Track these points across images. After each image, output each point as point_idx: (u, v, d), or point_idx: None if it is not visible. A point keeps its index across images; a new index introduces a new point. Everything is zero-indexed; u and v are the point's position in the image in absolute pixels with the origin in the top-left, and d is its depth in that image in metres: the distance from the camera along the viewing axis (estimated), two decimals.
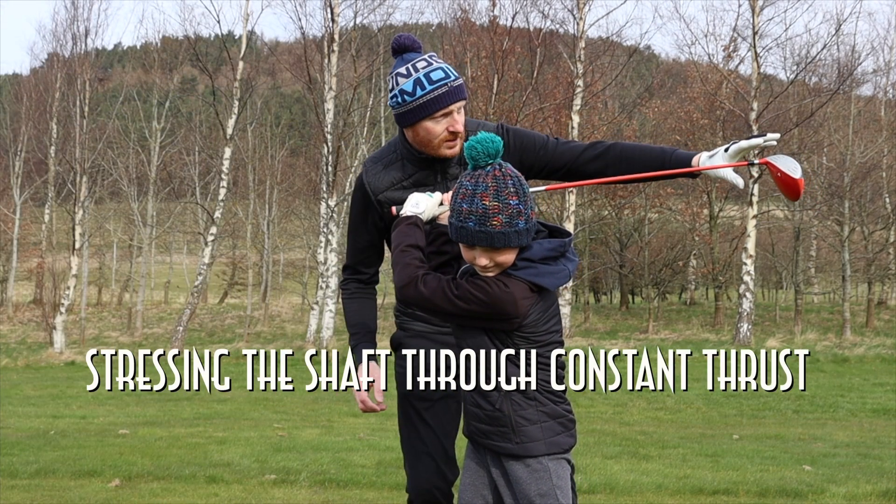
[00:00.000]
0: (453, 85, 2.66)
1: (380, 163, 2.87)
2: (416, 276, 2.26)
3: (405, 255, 2.30)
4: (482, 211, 2.20)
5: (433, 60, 2.70)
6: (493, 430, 2.33)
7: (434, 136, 2.70)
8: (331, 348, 20.35)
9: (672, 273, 31.50)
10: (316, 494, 5.34)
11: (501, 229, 2.20)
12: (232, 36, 32.92)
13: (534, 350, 2.31)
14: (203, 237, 25.27)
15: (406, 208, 2.43)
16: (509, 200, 2.20)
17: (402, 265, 2.29)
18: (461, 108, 2.71)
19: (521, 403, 2.32)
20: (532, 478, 2.30)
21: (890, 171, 28.11)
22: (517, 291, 2.24)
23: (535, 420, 2.32)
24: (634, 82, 36.58)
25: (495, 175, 2.22)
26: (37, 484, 5.71)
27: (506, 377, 2.30)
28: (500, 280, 2.25)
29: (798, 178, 2.55)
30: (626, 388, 2.54)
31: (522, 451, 2.31)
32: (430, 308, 2.28)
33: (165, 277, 49.51)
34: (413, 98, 2.66)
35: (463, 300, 2.23)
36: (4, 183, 37.00)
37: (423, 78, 2.65)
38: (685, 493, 5.28)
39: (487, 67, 22.75)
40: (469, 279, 2.28)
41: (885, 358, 17.92)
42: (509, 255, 2.25)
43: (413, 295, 2.26)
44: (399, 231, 2.37)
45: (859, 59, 27.68)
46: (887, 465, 6.28)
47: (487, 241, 2.21)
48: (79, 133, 25.30)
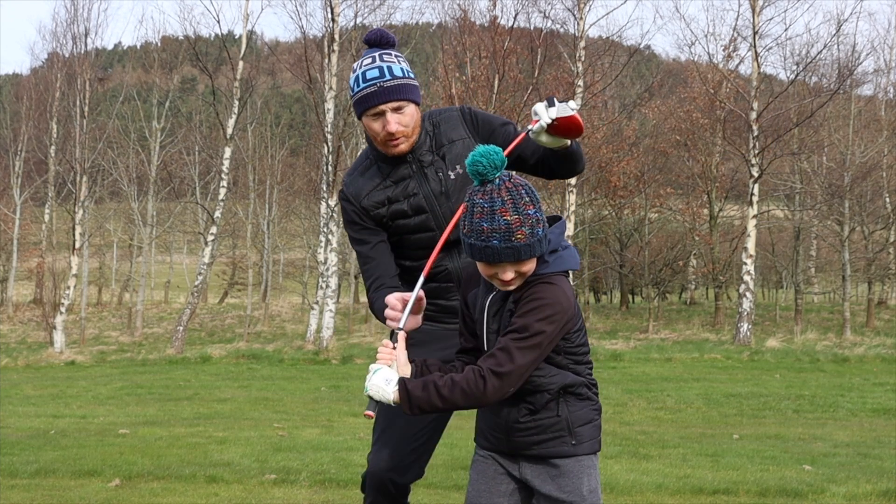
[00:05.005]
0: (384, 85, 2.65)
1: (355, 172, 2.87)
2: (477, 384, 2.16)
3: (445, 388, 2.17)
4: (505, 227, 2.14)
5: (380, 58, 2.69)
6: (548, 438, 2.32)
7: (375, 134, 2.73)
8: (331, 348, 20.34)
9: (672, 273, 31.53)
10: (316, 494, 5.34)
11: (526, 241, 2.16)
12: (232, 36, 32.92)
13: (580, 346, 2.33)
14: (203, 237, 25.27)
15: (382, 396, 2.21)
16: (528, 211, 2.16)
17: (457, 392, 2.17)
18: (401, 109, 2.69)
19: (576, 404, 2.33)
20: (584, 474, 2.32)
21: (890, 171, 28.10)
22: (563, 284, 2.24)
23: (587, 419, 2.34)
24: (634, 82, 36.59)
25: (507, 187, 2.17)
26: (37, 484, 5.70)
27: (561, 377, 2.30)
28: (542, 284, 2.22)
29: (572, 114, 2.56)
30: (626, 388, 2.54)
31: (580, 450, 2.32)
32: (518, 378, 2.19)
33: (165, 277, 49.52)
34: (353, 93, 2.71)
35: (529, 335, 2.17)
36: (4, 183, 37.01)
37: (361, 75, 2.68)
38: (685, 493, 5.27)
39: (488, 67, 22.74)
40: (510, 317, 2.22)
41: (886, 358, 17.92)
42: (532, 264, 2.23)
43: (496, 389, 2.17)
44: (421, 389, 2.20)
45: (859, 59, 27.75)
46: (887, 464, 6.28)
47: (514, 256, 2.17)
48: (79, 133, 25.29)
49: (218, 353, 19.93)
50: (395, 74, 2.68)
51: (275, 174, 36.10)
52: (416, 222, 2.82)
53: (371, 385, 2.21)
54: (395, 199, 2.81)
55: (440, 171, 2.82)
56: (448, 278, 2.87)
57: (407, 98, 2.71)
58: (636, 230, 32.16)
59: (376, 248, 2.83)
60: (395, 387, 2.20)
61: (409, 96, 2.72)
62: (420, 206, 2.81)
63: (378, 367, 2.24)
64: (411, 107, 2.73)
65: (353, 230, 2.86)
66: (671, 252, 30.65)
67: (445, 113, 2.89)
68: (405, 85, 2.70)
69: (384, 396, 2.20)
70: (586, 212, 31.16)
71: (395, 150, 2.75)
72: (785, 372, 15.57)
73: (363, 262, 2.85)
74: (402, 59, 2.77)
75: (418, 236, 2.84)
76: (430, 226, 2.83)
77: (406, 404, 2.19)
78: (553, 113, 2.59)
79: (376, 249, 2.83)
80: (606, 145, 29.55)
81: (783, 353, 18.66)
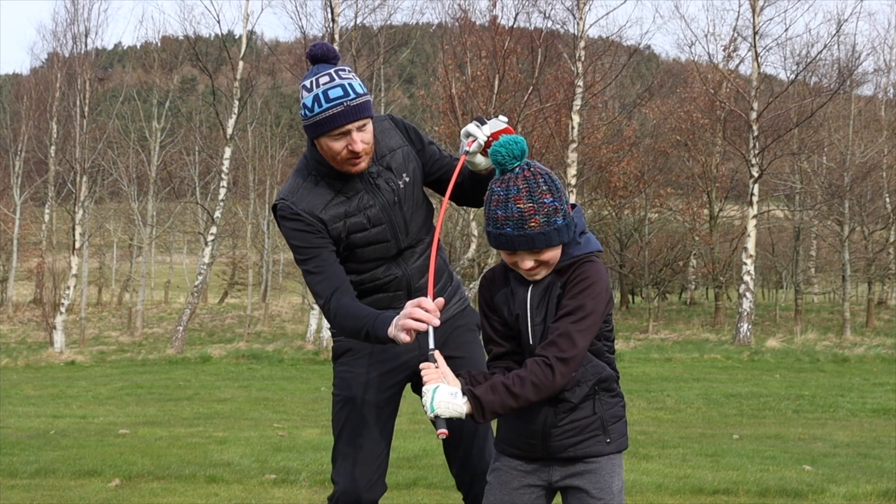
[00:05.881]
0: (350, 104, 2.59)
1: (301, 189, 2.77)
2: (546, 374, 2.14)
3: (515, 387, 2.14)
4: (518, 215, 2.14)
5: (338, 76, 2.63)
6: (584, 438, 2.29)
7: (335, 153, 2.66)
8: (331, 348, 20.34)
9: (672, 273, 31.51)
10: (316, 494, 5.34)
11: (541, 230, 2.15)
12: (232, 36, 32.88)
13: (611, 331, 2.32)
14: (203, 237, 25.26)
15: (453, 411, 2.16)
16: (543, 200, 2.15)
17: (528, 387, 2.14)
18: (364, 127, 2.65)
19: (608, 401, 2.31)
20: (615, 473, 2.31)
21: (890, 171, 28.10)
22: (599, 263, 2.24)
23: (618, 416, 2.33)
24: (634, 82, 36.59)
25: (525, 176, 2.17)
26: (37, 484, 5.70)
27: (597, 368, 2.29)
28: (586, 263, 2.21)
29: (505, 126, 2.61)
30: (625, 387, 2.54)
31: (612, 448, 2.31)
32: (580, 361, 2.18)
33: (165, 277, 49.53)
34: (312, 114, 2.62)
35: (585, 316, 2.16)
36: (4, 183, 37.01)
37: (322, 95, 2.60)
38: (685, 493, 5.27)
39: (488, 67, 22.72)
40: (558, 302, 2.21)
41: (886, 358, 17.91)
42: (554, 252, 2.21)
43: (564, 375, 2.15)
44: (492, 393, 2.16)
45: (859, 58, 27.72)
46: (887, 464, 6.28)
47: (528, 245, 2.16)
48: (79, 133, 25.30)
49: (218, 353, 19.93)
50: (358, 92, 2.62)
51: (275, 174, 36.06)
52: (373, 234, 2.79)
53: (438, 403, 2.14)
54: (351, 213, 2.75)
55: (390, 180, 2.79)
56: (398, 286, 2.86)
57: (370, 116, 2.68)
58: (636, 230, 32.16)
59: (329, 256, 2.75)
60: (464, 398, 2.15)
61: (371, 114, 2.68)
62: (378, 217, 2.78)
63: (435, 386, 2.18)
64: (370, 123, 2.69)
65: (305, 240, 2.73)
66: (671, 252, 30.64)
67: (378, 123, 2.83)
68: (368, 103, 2.66)
69: (455, 410, 2.14)
70: (586, 212, 31.12)
71: (355, 168, 2.70)
72: (785, 372, 15.57)
73: (316, 271, 2.73)
74: (354, 73, 2.71)
75: (372, 248, 2.81)
76: (387, 236, 2.81)
77: (479, 412, 2.14)
78: (487, 130, 2.60)
79: (329, 257, 2.75)
80: (606, 145, 29.57)
81: (783, 354, 18.66)
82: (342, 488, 2.84)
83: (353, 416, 2.88)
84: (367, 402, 2.86)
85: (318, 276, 2.72)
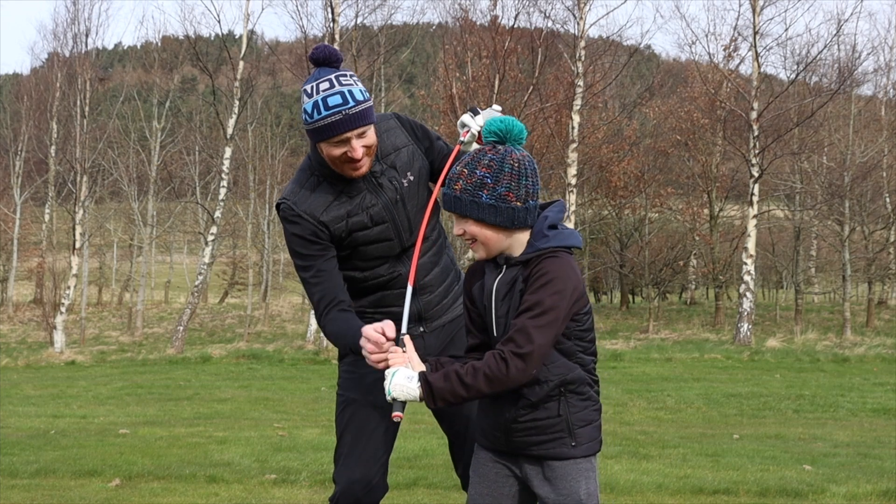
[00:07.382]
0: (349, 112, 2.59)
1: (303, 190, 2.78)
2: (500, 367, 2.13)
3: (467, 376, 2.15)
4: (454, 175, 2.25)
5: (338, 82, 2.62)
6: (547, 439, 2.27)
7: (335, 159, 2.67)
8: (331, 348, 20.34)
9: (672, 273, 31.50)
10: (316, 494, 5.34)
11: (459, 195, 2.21)
12: (232, 35, 32.89)
13: (587, 331, 2.29)
14: (203, 237, 25.27)
15: (407, 394, 2.20)
16: (476, 170, 2.21)
17: (480, 378, 2.14)
18: (363, 134, 2.64)
19: (577, 404, 2.28)
20: (582, 477, 2.28)
21: (890, 171, 28.09)
22: (568, 259, 2.23)
23: (588, 420, 2.30)
24: (635, 82, 36.55)
25: (485, 150, 2.24)
26: (37, 484, 5.70)
27: (563, 369, 2.25)
28: (547, 259, 2.19)
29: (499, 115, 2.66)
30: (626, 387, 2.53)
31: (579, 452, 2.28)
32: (540, 358, 2.15)
33: (166, 277, 49.55)
34: (312, 120, 2.62)
35: (543, 312, 2.13)
36: (5, 182, 37.03)
37: (321, 102, 2.60)
38: (685, 493, 5.27)
39: (488, 67, 22.73)
40: (520, 297, 2.19)
41: (886, 358, 17.91)
42: (481, 230, 2.22)
43: (520, 371, 2.13)
44: (444, 380, 2.17)
45: (860, 58, 27.72)
46: (887, 464, 6.28)
47: (449, 205, 2.25)
48: (79, 133, 25.30)
49: (218, 353, 19.93)
50: (358, 99, 2.62)
51: (275, 174, 36.07)
52: (375, 233, 2.79)
53: (394, 386, 2.19)
54: (353, 212, 2.76)
55: (394, 179, 2.80)
56: (402, 284, 2.84)
57: (371, 122, 2.67)
58: (636, 230, 32.17)
59: (327, 265, 2.75)
60: (418, 382, 2.18)
61: (372, 120, 2.68)
62: (380, 216, 2.78)
63: (395, 369, 2.22)
64: (372, 128, 2.69)
65: (306, 247, 2.74)
66: (671, 252, 30.64)
67: (383, 122, 2.84)
68: (368, 109, 2.65)
69: (409, 394, 2.19)
70: (587, 212, 31.17)
71: (356, 173, 2.71)
72: (785, 372, 15.57)
73: (314, 281, 2.74)
74: (356, 77, 2.70)
75: (375, 246, 2.81)
76: (389, 235, 2.81)
77: (429, 398, 2.17)
78: (480, 120, 2.64)
79: (327, 266, 2.75)
80: (607, 145, 29.57)
81: (783, 353, 18.66)
82: (343, 488, 2.84)
83: (357, 416, 2.88)
84: (371, 403, 2.85)
85: (315, 287, 2.75)
